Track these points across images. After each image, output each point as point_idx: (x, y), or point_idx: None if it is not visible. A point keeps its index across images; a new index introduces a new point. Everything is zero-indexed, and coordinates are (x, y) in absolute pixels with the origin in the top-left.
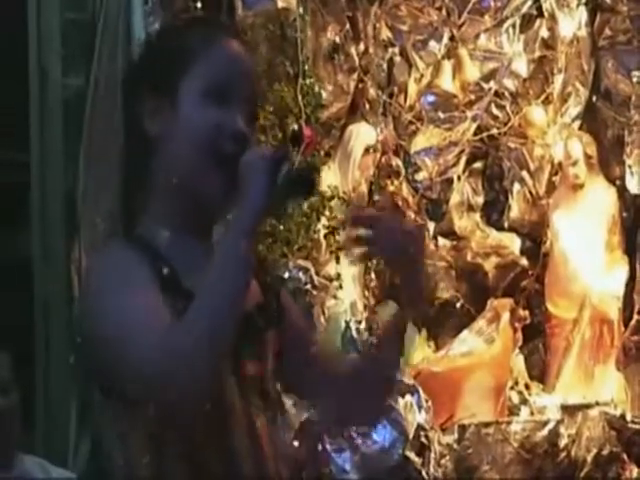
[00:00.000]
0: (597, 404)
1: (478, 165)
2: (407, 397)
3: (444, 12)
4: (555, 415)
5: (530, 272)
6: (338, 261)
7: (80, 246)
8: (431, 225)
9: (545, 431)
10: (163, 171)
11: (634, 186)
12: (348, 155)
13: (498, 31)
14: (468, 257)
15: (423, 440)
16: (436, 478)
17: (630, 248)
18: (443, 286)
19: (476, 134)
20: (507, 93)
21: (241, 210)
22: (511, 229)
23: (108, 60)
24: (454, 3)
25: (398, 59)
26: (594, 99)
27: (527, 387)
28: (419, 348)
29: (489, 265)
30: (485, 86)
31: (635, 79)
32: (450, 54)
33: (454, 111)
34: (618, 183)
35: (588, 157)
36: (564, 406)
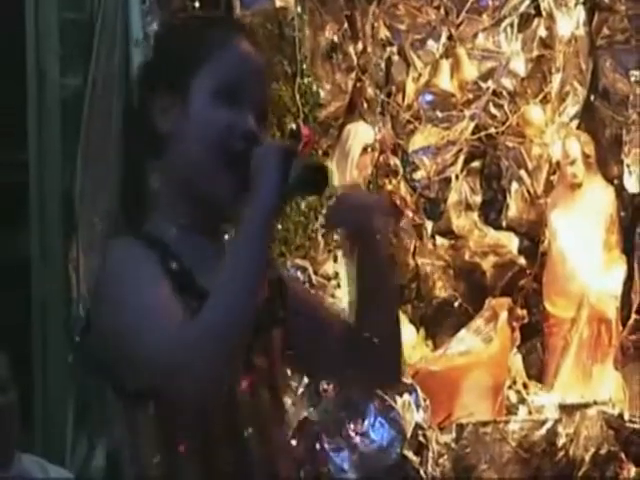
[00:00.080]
0: (595, 403)
1: (476, 164)
2: (405, 396)
3: (442, 11)
4: (553, 414)
5: (528, 271)
6: (336, 260)
7: (78, 246)
8: (429, 224)
9: (543, 430)
10: (173, 169)
11: (632, 185)
12: (346, 154)
13: (496, 30)
14: (466, 256)
15: (421, 439)
16: (434, 477)
17: (628, 247)
18: (441, 285)
19: (474, 133)
20: (505, 92)
21: (253, 206)
22: (509, 228)
23: (106, 60)
24: (452, 2)
25: (396, 58)
26: (592, 98)
27: (525, 386)
28: (417, 347)
29: (487, 264)
30: (483, 85)
31: (633, 78)
32: (448, 53)
33: (452, 110)
34: (616, 182)
35: (586, 156)
36: (562, 405)
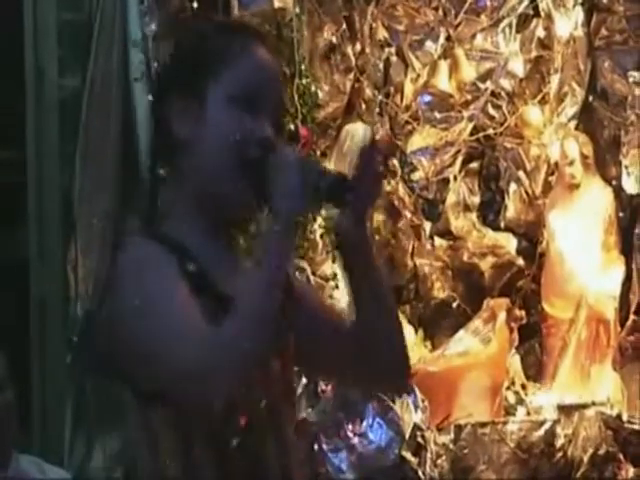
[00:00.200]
0: (593, 404)
1: (474, 165)
2: (403, 397)
3: (440, 12)
4: (551, 415)
5: (526, 272)
6: (334, 261)
7: (76, 246)
8: (427, 225)
9: (541, 431)
10: (189, 173)
11: (630, 186)
12: (344, 155)
13: (494, 31)
14: (464, 257)
15: (419, 440)
16: (432, 478)
17: (626, 248)
18: (439, 286)
19: (472, 134)
20: (503, 93)
21: (276, 217)
22: (507, 229)
23: (104, 60)
24: (450, 3)
25: (394, 59)
26: (590, 99)
27: (523, 387)
28: (415, 348)
29: (485, 265)
30: (481, 86)
31: (631, 79)
32: (446, 54)
33: (450, 111)
34: (614, 183)
35: (584, 157)
36: (560, 406)
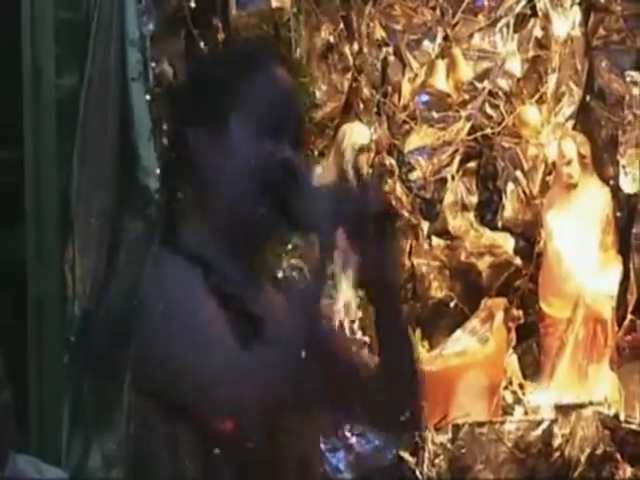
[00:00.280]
0: (591, 404)
1: (472, 165)
2: None
3: (438, 12)
4: (549, 415)
5: (524, 272)
6: (332, 261)
7: (74, 245)
8: (425, 224)
9: (539, 431)
10: (212, 197)
11: (628, 186)
12: (342, 155)
13: (492, 31)
14: (462, 257)
15: (417, 440)
16: (430, 478)
17: (624, 248)
18: (437, 285)
19: (470, 134)
20: (501, 93)
21: (318, 252)
22: (505, 229)
23: (102, 59)
24: (448, 3)
25: (392, 59)
26: (588, 99)
27: (521, 387)
28: None
29: (483, 265)
30: (479, 86)
31: (629, 79)
32: (444, 54)
33: (448, 111)
34: (612, 183)
35: (582, 157)
36: (558, 406)
